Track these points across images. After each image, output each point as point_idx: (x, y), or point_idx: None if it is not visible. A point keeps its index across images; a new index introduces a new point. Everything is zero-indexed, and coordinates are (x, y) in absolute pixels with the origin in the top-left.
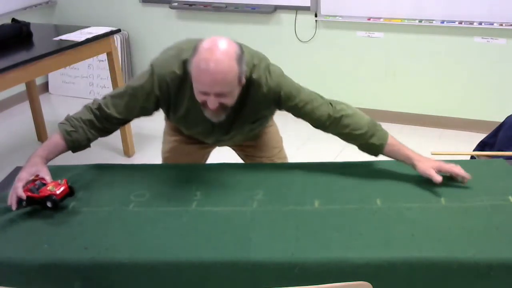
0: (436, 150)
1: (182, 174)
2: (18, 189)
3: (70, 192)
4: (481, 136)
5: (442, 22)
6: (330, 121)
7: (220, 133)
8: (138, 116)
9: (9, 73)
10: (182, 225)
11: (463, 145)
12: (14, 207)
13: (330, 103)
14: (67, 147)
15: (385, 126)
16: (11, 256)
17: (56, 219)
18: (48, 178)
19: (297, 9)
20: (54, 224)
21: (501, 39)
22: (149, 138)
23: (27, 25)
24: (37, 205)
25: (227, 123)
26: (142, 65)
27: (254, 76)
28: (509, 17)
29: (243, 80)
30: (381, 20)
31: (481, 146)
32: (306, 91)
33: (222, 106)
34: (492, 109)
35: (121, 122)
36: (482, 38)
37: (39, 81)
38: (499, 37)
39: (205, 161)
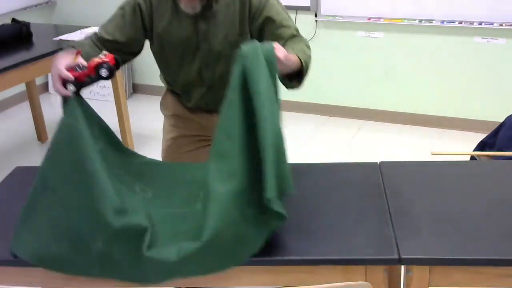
0: (436, 150)
1: (188, 174)
2: (62, 71)
3: (117, 62)
4: (481, 136)
5: (442, 22)
6: (290, 40)
7: (206, 44)
8: (130, 38)
9: (9, 73)
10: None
11: (463, 145)
12: (63, 92)
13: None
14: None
15: (385, 126)
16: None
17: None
18: (85, 63)
19: (297, 9)
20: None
21: (501, 39)
22: (149, 138)
23: (27, 25)
24: (88, 85)
25: (211, 30)
26: (142, 64)
27: None
28: (509, 17)
29: None
30: (381, 20)
31: (481, 146)
32: (288, 16)
33: None
34: (492, 109)
35: (115, 47)
36: (482, 38)
37: (39, 81)
38: (499, 37)
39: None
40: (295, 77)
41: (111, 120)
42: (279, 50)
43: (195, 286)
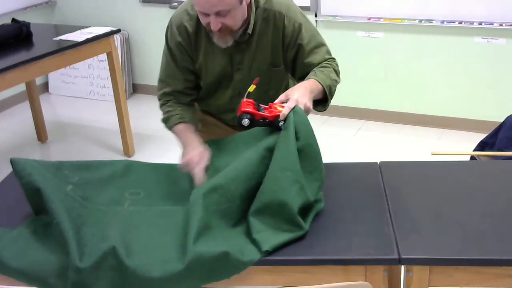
0: (436, 150)
1: (177, 172)
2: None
3: None
4: (481, 136)
5: (442, 22)
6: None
7: (240, 74)
8: (188, 74)
9: (9, 73)
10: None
11: (463, 145)
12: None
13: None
14: (192, 126)
15: (385, 126)
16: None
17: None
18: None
19: None
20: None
21: (501, 39)
22: (149, 138)
23: (27, 25)
24: (259, 125)
25: (245, 61)
26: (142, 65)
27: (267, 6)
28: (509, 17)
29: (246, 0)
30: (381, 20)
31: (481, 146)
32: (320, 38)
33: (226, 29)
34: (492, 109)
35: (191, 87)
36: (482, 38)
37: (39, 81)
38: (499, 37)
39: None
40: (321, 101)
41: (111, 120)
42: (301, 103)
43: None
